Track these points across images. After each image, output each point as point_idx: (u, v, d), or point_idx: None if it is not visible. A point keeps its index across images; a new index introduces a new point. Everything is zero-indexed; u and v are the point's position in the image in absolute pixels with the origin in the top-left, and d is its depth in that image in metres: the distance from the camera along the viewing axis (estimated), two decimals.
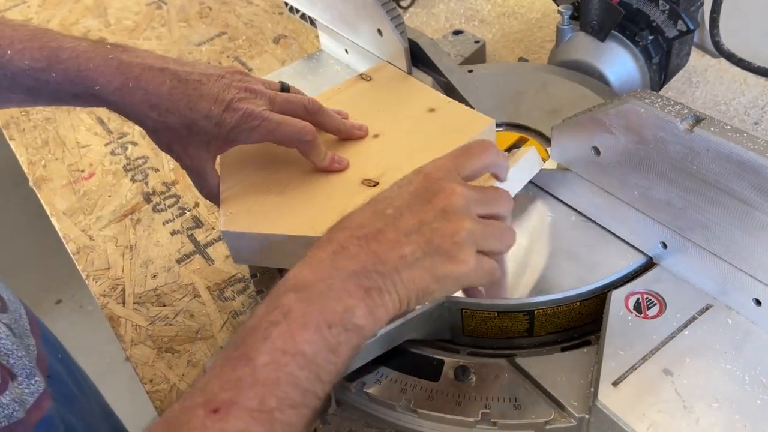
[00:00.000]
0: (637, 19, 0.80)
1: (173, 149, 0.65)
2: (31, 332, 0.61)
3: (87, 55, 0.60)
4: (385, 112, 0.74)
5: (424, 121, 0.72)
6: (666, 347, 0.55)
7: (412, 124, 0.72)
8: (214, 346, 0.77)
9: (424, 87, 0.77)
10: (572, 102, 0.78)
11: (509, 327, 0.61)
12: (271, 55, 1.16)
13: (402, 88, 0.77)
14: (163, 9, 1.30)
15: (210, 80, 0.62)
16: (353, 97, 0.77)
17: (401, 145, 0.69)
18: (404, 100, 0.75)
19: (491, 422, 0.56)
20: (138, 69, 0.61)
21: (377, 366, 0.60)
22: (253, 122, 0.62)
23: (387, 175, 0.66)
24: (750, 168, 0.49)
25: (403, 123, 0.72)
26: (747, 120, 0.91)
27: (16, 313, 0.60)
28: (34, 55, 0.60)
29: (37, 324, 0.64)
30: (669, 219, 0.58)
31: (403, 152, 0.68)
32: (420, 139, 0.70)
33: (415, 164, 0.66)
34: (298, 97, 0.67)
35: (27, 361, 0.55)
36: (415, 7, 1.20)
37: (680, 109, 0.53)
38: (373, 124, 0.72)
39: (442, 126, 0.71)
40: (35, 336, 0.61)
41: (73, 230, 0.93)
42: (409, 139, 0.70)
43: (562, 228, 0.65)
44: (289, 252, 0.62)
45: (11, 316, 0.59)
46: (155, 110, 0.61)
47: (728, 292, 0.57)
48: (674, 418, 0.51)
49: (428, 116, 0.72)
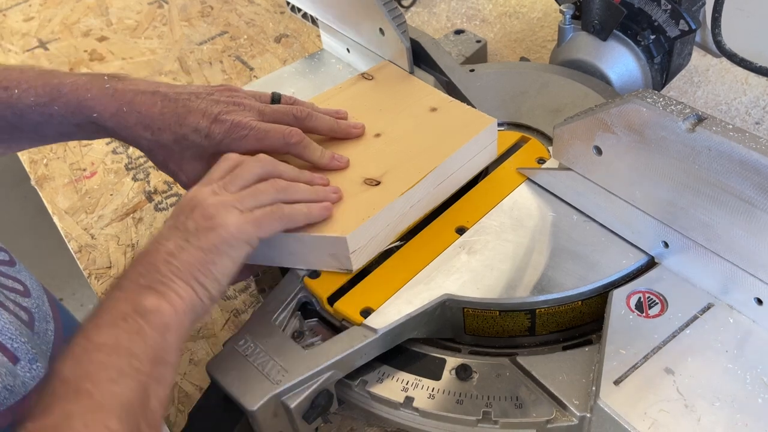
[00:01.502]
0: (639, 18, 0.80)
1: (170, 167, 0.67)
2: (52, 318, 0.65)
3: (85, 87, 0.64)
4: (387, 111, 0.74)
5: (426, 120, 0.72)
6: (667, 346, 0.55)
7: (414, 123, 0.72)
8: (215, 345, 0.77)
9: (425, 86, 0.77)
10: (574, 101, 0.78)
11: (511, 326, 0.62)
12: (273, 54, 1.17)
13: (404, 87, 0.77)
14: (165, 8, 1.30)
15: (199, 97, 0.65)
16: (355, 96, 0.77)
17: (403, 144, 0.69)
18: (406, 99, 0.75)
19: (493, 421, 0.56)
20: (131, 94, 0.64)
21: (379, 364, 0.60)
22: (241, 132, 0.63)
23: (389, 174, 0.66)
24: (752, 167, 0.49)
25: (405, 122, 0.72)
26: (748, 120, 0.91)
27: (39, 299, 0.65)
28: (38, 92, 0.64)
29: (59, 310, 0.68)
30: (671, 218, 0.58)
31: (405, 151, 0.68)
32: (422, 138, 0.70)
33: (416, 163, 0.66)
34: (287, 107, 0.68)
35: (30, 346, 0.58)
36: (417, 6, 1.20)
37: (682, 109, 0.53)
38: (375, 123, 0.72)
39: (443, 125, 0.71)
40: (56, 321, 0.65)
41: (74, 229, 0.93)
42: (410, 138, 0.70)
43: (563, 227, 0.65)
44: (292, 251, 0.63)
45: (34, 301, 0.64)
46: (148, 130, 0.64)
47: (730, 292, 0.57)
48: (676, 417, 0.51)
49: (430, 116, 0.72)
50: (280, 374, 0.56)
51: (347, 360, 0.58)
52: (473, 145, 0.69)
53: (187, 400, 0.73)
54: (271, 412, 0.56)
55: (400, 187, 0.64)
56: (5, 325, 0.57)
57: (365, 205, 0.63)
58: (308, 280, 0.63)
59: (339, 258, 0.62)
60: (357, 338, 0.58)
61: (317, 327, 0.63)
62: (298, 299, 0.63)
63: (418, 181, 0.65)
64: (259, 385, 0.56)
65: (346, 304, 0.61)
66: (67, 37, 1.26)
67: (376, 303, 0.60)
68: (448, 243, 0.65)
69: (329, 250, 0.62)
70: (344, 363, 0.58)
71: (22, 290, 0.64)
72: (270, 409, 0.56)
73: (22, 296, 0.63)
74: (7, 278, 0.63)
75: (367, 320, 0.59)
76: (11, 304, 0.60)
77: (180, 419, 0.71)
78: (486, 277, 0.62)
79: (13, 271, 0.65)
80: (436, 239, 0.65)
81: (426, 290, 0.61)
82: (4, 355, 0.55)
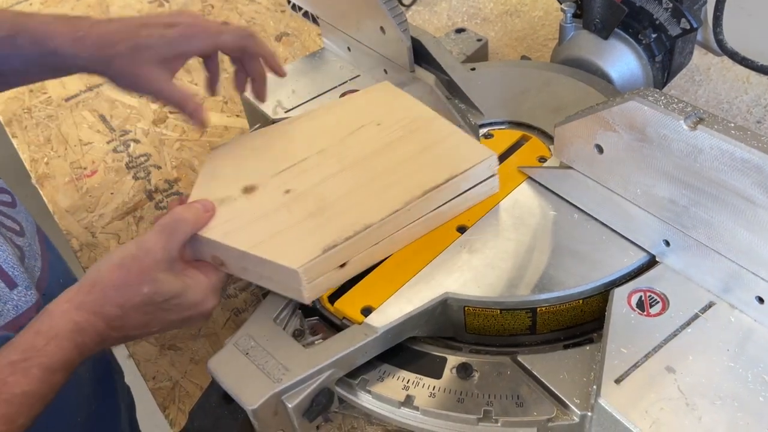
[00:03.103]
0: (640, 17, 0.79)
1: (133, 81, 0.68)
2: (41, 256, 0.71)
3: (51, 21, 0.67)
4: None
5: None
6: (669, 345, 0.55)
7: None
8: (216, 344, 0.77)
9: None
10: (575, 100, 0.78)
11: (512, 324, 0.61)
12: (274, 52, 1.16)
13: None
14: (165, 7, 1.30)
15: (152, 17, 0.69)
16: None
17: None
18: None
19: (493, 419, 0.56)
20: (89, 22, 0.68)
21: (380, 363, 0.60)
22: (195, 29, 0.67)
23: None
24: (753, 166, 0.49)
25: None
26: (750, 118, 0.91)
27: (31, 238, 0.71)
28: (3, 27, 0.66)
29: (48, 253, 0.74)
30: (672, 217, 0.58)
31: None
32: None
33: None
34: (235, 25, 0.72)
35: (26, 276, 0.65)
36: (418, 5, 1.20)
37: (683, 107, 0.53)
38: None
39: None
40: (44, 260, 0.72)
41: (75, 227, 0.93)
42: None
43: (564, 226, 0.65)
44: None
45: (26, 240, 0.70)
46: (106, 47, 0.66)
47: (731, 290, 0.57)
48: (677, 415, 0.51)
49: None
50: (281, 373, 0.56)
51: (348, 358, 0.58)
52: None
53: (187, 398, 0.73)
54: (271, 411, 0.56)
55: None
56: (8, 256, 0.63)
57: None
58: None
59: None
60: (358, 337, 0.58)
61: (318, 325, 0.63)
62: None
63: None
64: (260, 383, 0.56)
65: (346, 302, 0.61)
66: None
67: (377, 301, 0.60)
68: (449, 241, 0.65)
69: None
70: (345, 361, 0.58)
71: (18, 230, 0.70)
72: (270, 407, 0.56)
73: (17, 235, 0.69)
74: (7, 218, 0.69)
75: (367, 319, 0.59)
76: (9, 239, 0.66)
77: (180, 418, 0.71)
78: (487, 275, 0.61)
79: (14, 212, 0.71)
80: (437, 238, 0.65)
81: (427, 289, 0.61)
82: (2, 280, 0.62)
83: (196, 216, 0.62)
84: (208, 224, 0.63)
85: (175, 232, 0.60)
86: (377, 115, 0.73)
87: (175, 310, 0.59)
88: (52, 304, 0.56)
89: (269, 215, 0.63)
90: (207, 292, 0.61)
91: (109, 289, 0.56)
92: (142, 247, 0.58)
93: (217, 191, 0.66)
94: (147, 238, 0.59)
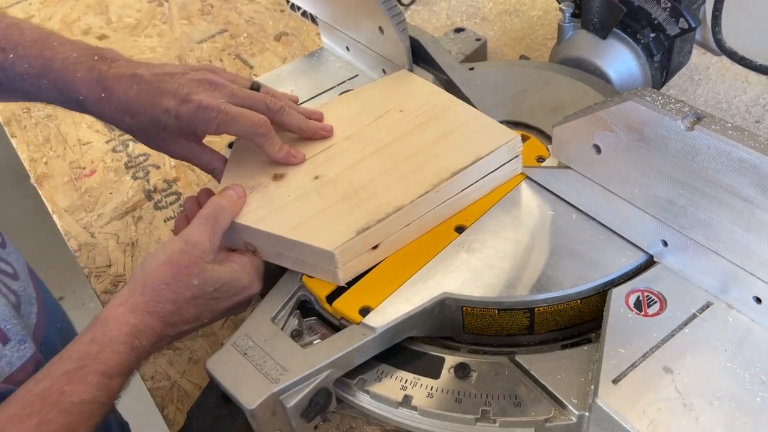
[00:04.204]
0: (639, 16, 0.79)
1: (159, 146, 0.69)
2: (35, 300, 0.67)
3: (74, 67, 0.64)
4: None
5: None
6: (666, 345, 0.55)
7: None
8: (215, 344, 0.77)
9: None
10: (573, 100, 0.78)
11: (510, 324, 0.61)
12: (273, 52, 1.16)
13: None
14: (165, 6, 1.30)
15: (173, 78, 0.65)
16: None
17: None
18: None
19: (491, 419, 0.56)
20: (112, 79, 0.64)
21: (378, 363, 0.60)
22: (209, 114, 0.63)
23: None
24: (751, 166, 0.49)
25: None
26: (748, 118, 0.91)
27: (25, 281, 0.67)
28: (31, 63, 0.65)
29: (42, 294, 0.70)
30: (670, 217, 0.58)
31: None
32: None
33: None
34: (261, 95, 0.67)
35: (21, 328, 0.61)
36: (417, 4, 1.20)
37: (681, 107, 0.53)
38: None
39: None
40: (39, 304, 0.68)
41: (74, 227, 0.93)
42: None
43: (562, 226, 0.65)
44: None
45: (21, 284, 0.66)
46: (126, 114, 0.65)
47: (729, 290, 0.57)
48: (674, 415, 0.51)
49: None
50: (279, 373, 0.56)
51: (346, 358, 0.58)
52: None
53: (185, 398, 0.73)
54: (269, 411, 0.56)
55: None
56: (2, 308, 0.59)
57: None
58: (307, 279, 0.63)
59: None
60: (356, 337, 0.58)
61: (316, 325, 0.63)
62: (297, 298, 0.63)
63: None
64: (258, 383, 0.56)
65: (344, 302, 0.61)
66: (67, 35, 1.25)
67: (375, 301, 0.60)
68: (447, 241, 0.65)
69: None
70: (343, 361, 0.58)
71: (12, 273, 0.66)
72: (269, 407, 0.56)
73: (11, 279, 0.65)
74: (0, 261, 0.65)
75: (365, 319, 0.59)
76: (2, 286, 0.62)
77: (179, 418, 0.71)
78: (485, 275, 0.62)
79: (5, 253, 0.66)
80: (435, 237, 0.65)
81: (425, 289, 0.61)
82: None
83: (232, 203, 0.63)
84: (242, 211, 0.64)
85: (218, 221, 0.61)
86: (399, 102, 0.75)
87: (225, 297, 0.60)
88: (105, 311, 0.55)
89: (301, 200, 0.65)
90: (253, 275, 0.62)
91: (161, 286, 0.56)
92: (188, 241, 0.58)
93: (246, 179, 0.67)
94: (192, 231, 0.59)
